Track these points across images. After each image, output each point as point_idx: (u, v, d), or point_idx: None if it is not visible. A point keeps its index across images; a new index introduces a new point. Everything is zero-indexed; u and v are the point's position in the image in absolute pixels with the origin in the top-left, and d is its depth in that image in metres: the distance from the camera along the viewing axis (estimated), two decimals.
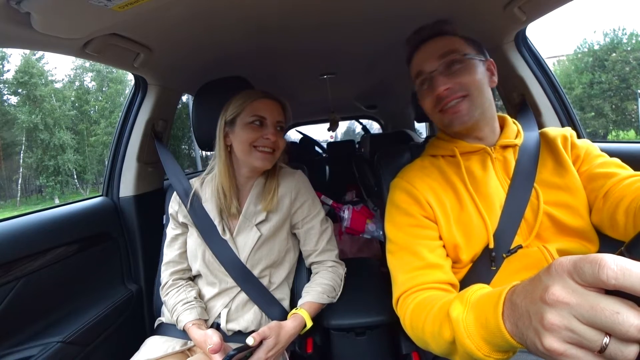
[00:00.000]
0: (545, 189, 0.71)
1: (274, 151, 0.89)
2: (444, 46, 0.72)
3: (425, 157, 0.84)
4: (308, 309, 0.87)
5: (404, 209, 0.75)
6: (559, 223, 0.69)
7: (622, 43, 16.91)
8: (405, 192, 0.77)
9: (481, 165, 0.75)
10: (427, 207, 0.74)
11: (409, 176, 0.79)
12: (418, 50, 0.76)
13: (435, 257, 0.69)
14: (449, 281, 0.68)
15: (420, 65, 0.75)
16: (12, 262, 0.83)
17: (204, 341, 0.77)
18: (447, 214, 0.72)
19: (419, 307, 0.61)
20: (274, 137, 0.88)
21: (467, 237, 0.71)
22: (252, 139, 0.87)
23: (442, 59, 0.71)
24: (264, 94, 0.91)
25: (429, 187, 0.75)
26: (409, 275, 0.69)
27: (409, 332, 0.64)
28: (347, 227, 1.67)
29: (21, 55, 17.94)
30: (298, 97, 2.37)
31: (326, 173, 3.28)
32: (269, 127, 0.88)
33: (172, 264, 0.94)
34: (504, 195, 0.72)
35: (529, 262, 0.68)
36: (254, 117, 0.87)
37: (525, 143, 0.77)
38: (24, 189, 18.82)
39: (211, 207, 0.93)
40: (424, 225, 0.73)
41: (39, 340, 0.85)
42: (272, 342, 0.75)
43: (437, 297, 0.60)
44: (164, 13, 0.80)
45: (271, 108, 0.89)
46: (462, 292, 0.51)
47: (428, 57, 0.73)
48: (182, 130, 15.63)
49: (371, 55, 1.50)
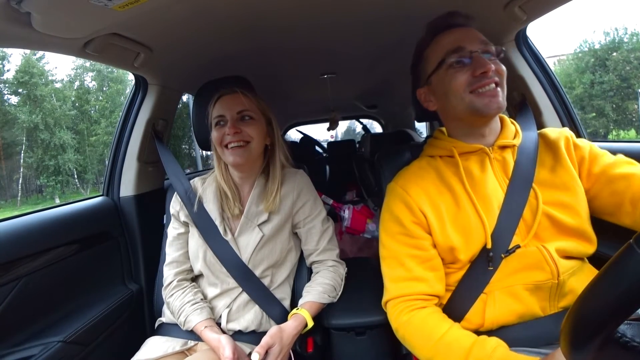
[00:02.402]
0: (543, 188, 0.71)
1: (247, 143, 0.88)
2: (480, 35, 0.73)
3: (423, 159, 0.83)
4: (309, 308, 0.87)
5: (395, 216, 0.76)
6: (558, 223, 0.69)
7: (623, 42, 16.88)
8: (398, 199, 0.77)
9: (480, 166, 0.75)
10: (419, 215, 0.73)
11: (404, 181, 0.78)
12: (453, 29, 0.74)
13: (421, 270, 0.72)
14: (433, 293, 0.72)
15: (460, 41, 0.71)
16: (13, 262, 0.83)
17: (218, 347, 0.77)
18: (442, 218, 0.72)
19: (415, 328, 0.69)
20: (233, 130, 0.86)
21: (465, 237, 0.70)
22: (219, 139, 0.89)
23: (483, 45, 0.71)
24: (221, 92, 0.92)
25: (423, 192, 0.75)
26: (396, 285, 0.75)
27: (399, 336, 0.74)
28: (348, 226, 1.67)
29: (21, 55, 17.95)
30: (298, 97, 2.37)
31: (326, 173, 3.28)
32: (228, 122, 0.88)
33: (175, 264, 0.94)
34: (503, 196, 0.71)
35: (527, 262, 0.68)
36: (216, 118, 0.90)
37: (523, 143, 0.77)
38: (25, 188, 18.82)
39: (212, 208, 0.93)
40: (414, 235, 0.74)
41: (39, 340, 0.85)
42: (277, 349, 0.76)
43: (434, 325, 0.67)
44: (164, 13, 0.80)
45: (228, 103, 0.89)
46: (479, 346, 0.59)
47: (471, 37, 0.72)
48: (182, 130, 15.62)
49: (372, 55, 1.50)
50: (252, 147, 0.89)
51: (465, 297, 0.71)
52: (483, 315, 0.69)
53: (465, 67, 0.70)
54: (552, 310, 0.67)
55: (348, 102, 2.86)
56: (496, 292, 0.69)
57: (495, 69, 0.69)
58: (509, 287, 0.68)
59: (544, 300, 0.67)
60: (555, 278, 0.66)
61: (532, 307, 0.67)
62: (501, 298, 0.68)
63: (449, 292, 0.74)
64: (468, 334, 0.64)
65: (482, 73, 0.68)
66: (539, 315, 0.67)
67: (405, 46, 0.81)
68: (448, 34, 0.74)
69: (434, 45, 0.76)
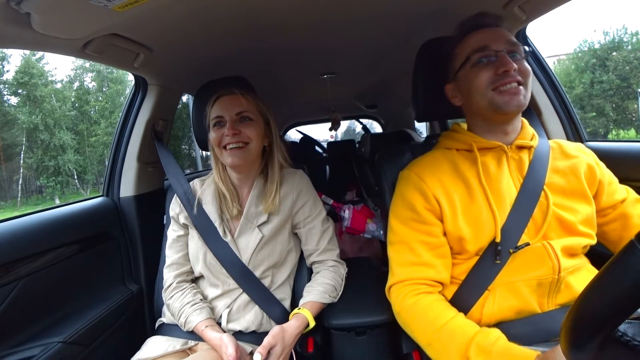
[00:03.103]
0: (555, 193, 0.73)
1: (246, 144, 0.88)
2: (509, 35, 0.74)
3: (438, 150, 0.85)
4: (310, 308, 0.87)
5: (408, 203, 0.78)
6: (567, 225, 0.71)
7: (623, 42, 16.88)
8: (412, 185, 0.79)
9: (496, 162, 0.77)
10: (433, 202, 0.75)
11: (419, 169, 0.80)
12: (482, 29, 0.76)
13: (430, 256, 0.74)
14: (440, 280, 0.74)
15: (486, 40, 0.74)
16: (13, 262, 0.83)
17: (220, 346, 0.77)
18: (455, 207, 0.74)
19: (419, 312, 0.71)
20: (232, 131, 0.86)
21: (475, 229, 0.72)
22: (217, 141, 0.88)
23: (509, 45, 0.73)
24: (220, 93, 0.91)
25: (438, 181, 0.77)
26: (403, 269, 0.76)
27: (400, 320, 0.76)
28: (348, 226, 1.67)
29: (21, 55, 17.94)
30: (298, 97, 2.37)
31: (326, 173, 3.27)
32: (227, 123, 0.88)
33: (175, 266, 0.94)
34: (515, 194, 0.73)
35: (531, 257, 0.69)
36: (215, 119, 0.89)
37: (539, 146, 0.79)
38: (25, 189, 18.81)
39: (212, 209, 0.93)
40: (426, 222, 0.76)
41: (40, 341, 0.84)
42: (279, 349, 0.76)
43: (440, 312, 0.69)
44: (164, 13, 0.80)
45: (227, 104, 0.89)
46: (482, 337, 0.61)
47: (497, 37, 0.74)
48: (182, 130, 15.62)
49: (371, 55, 1.50)
50: (250, 148, 0.89)
51: (471, 291, 0.72)
52: (482, 310, 0.70)
53: (489, 65, 0.73)
54: (550, 307, 0.69)
55: (348, 102, 2.86)
56: (498, 289, 0.70)
57: (518, 68, 0.71)
58: (510, 283, 0.69)
59: (543, 296, 0.69)
60: (556, 274, 0.67)
61: (530, 303, 0.68)
62: (501, 294, 0.69)
63: (455, 285, 0.75)
64: (472, 324, 0.66)
65: (504, 71, 0.70)
66: (537, 311, 0.68)
67: (405, 46, 0.82)
68: (476, 33, 0.76)
69: (462, 43, 0.78)
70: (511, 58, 0.71)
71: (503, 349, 0.59)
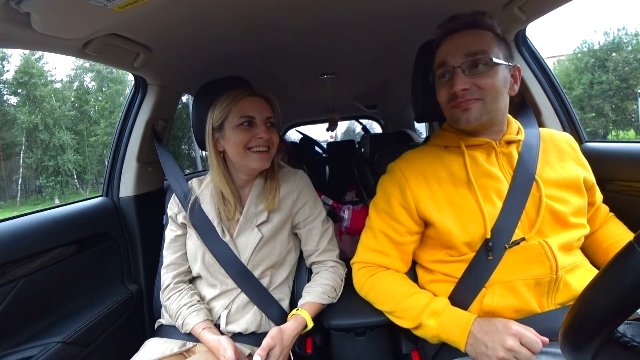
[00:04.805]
0: (547, 185, 0.73)
1: (269, 149, 0.88)
2: (474, 43, 0.71)
3: (429, 146, 0.86)
4: (309, 309, 0.87)
5: (386, 195, 0.83)
6: (560, 217, 0.72)
7: (623, 43, 16.90)
8: (394, 179, 0.82)
9: (486, 157, 0.77)
10: (409, 200, 0.78)
11: (405, 164, 0.82)
12: (448, 39, 0.75)
13: (389, 247, 0.82)
14: (393, 268, 0.83)
15: (445, 55, 0.74)
16: (12, 262, 0.83)
17: (217, 348, 0.77)
18: (439, 201, 0.76)
19: (379, 289, 0.81)
20: (266, 135, 0.85)
21: (461, 222, 0.73)
22: (245, 141, 0.85)
23: (469, 58, 0.71)
24: (248, 92, 0.88)
25: (422, 176, 0.78)
26: (364, 252, 0.86)
27: (362, 294, 0.86)
28: (347, 227, 1.67)
29: (21, 55, 17.93)
30: (298, 97, 2.37)
31: (326, 173, 3.27)
32: (259, 125, 0.86)
33: (173, 267, 0.94)
34: (507, 188, 0.73)
35: (527, 255, 0.69)
36: (242, 118, 0.85)
37: (527, 139, 0.79)
38: (24, 189, 18.79)
39: (210, 209, 0.92)
40: (395, 218, 0.80)
41: (39, 341, 0.84)
42: (278, 350, 0.76)
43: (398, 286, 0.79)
44: (164, 13, 0.80)
45: (258, 105, 0.87)
46: (434, 303, 0.72)
47: (456, 50, 0.72)
48: (182, 130, 15.60)
49: (371, 55, 1.51)
50: (271, 153, 0.89)
51: (468, 289, 0.72)
52: (480, 307, 0.70)
53: (447, 83, 0.74)
54: (549, 307, 0.69)
55: (347, 102, 2.86)
56: (495, 286, 0.70)
57: (477, 83, 0.70)
58: (508, 281, 0.69)
59: (542, 296, 0.69)
60: (554, 273, 0.67)
61: (529, 302, 0.68)
62: (500, 292, 0.69)
63: (451, 284, 0.75)
64: (426, 293, 0.76)
65: (453, 93, 0.72)
66: (536, 311, 0.68)
67: (404, 46, 0.82)
68: (444, 43, 0.76)
69: (437, 52, 0.79)
70: (471, 71, 0.70)
71: (449, 311, 0.70)
